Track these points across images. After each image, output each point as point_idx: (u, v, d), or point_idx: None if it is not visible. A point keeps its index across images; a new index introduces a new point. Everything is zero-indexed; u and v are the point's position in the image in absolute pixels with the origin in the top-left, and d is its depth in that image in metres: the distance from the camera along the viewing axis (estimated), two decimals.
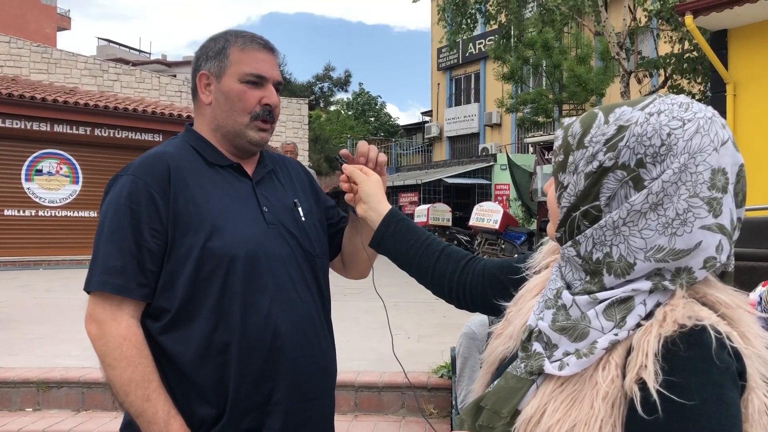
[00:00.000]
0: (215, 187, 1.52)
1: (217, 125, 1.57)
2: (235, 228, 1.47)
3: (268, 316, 1.46)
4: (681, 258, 0.89)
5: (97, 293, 1.43)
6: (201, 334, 1.43)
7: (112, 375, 1.39)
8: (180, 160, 1.51)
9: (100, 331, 1.41)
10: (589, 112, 0.98)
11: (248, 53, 1.55)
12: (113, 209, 1.45)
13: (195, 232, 1.44)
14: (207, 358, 1.43)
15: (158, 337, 1.45)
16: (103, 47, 44.21)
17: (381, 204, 1.44)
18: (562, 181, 0.98)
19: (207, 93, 1.57)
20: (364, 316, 6.69)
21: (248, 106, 1.54)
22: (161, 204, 1.44)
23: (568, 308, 0.96)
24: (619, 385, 0.88)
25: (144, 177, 1.46)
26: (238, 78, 1.54)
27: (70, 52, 17.22)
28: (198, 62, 1.59)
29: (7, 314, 6.89)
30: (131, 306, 1.43)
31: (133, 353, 1.39)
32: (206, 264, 1.43)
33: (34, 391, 4.14)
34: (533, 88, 18.86)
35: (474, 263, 1.34)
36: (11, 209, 13.73)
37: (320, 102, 32.04)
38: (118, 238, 1.42)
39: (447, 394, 4.09)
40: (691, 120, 0.89)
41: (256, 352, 1.44)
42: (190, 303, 1.43)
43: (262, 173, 1.62)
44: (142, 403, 1.37)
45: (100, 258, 1.43)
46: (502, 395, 1.00)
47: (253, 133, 1.55)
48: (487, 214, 13.07)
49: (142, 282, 1.42)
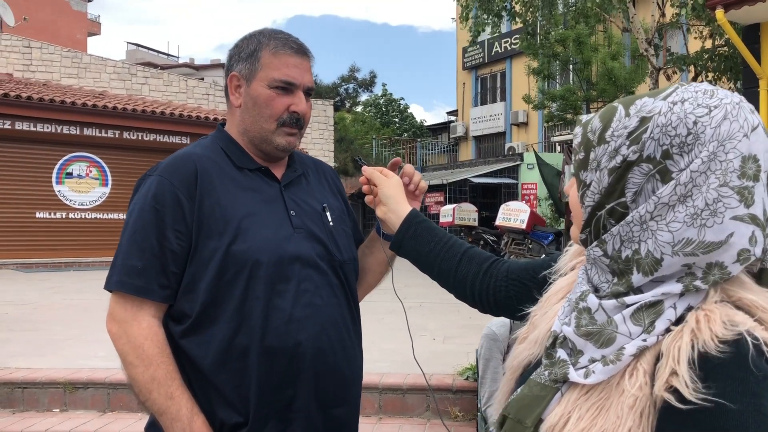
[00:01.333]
0: (242, 190, 1.50)
1: (244, 129, 1.55)
2: (259, 232, 1.45)
3: (290, 322, 1.44)
4: (712, 251, 0.84)
5: (119, 293, 1.43)
6: (221, 339, 1.41)
7: (135, 374, 1.39)
8: (207, 162, 1.50)
9: (121, 330, 1.41)
10: (608, 106, 0.94)
11: (280, 57, 1.51)
12: (138, 209, 1.44)
13: (219, 235, 1.43)
14: (227, 362, 1.41)
15: (180, 341, 1.44)
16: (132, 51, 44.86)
17: (401, 206, 1.41)
18: (584, 179, 0.93)
19: (237, 95, 1.55)
20: (388, 317, 6.66)
21: (275, 112, 1.51)
22: (186, 206, 1.43)
23: (593, 312, 0.92)
24: (648, 393, 0.83)
25: (170, 178, 1.45)
26: (267, 83, 1.50)
27: (99, 57, 17.52)
28: (230, 62, 1.57)
29: (37, 316, 6.99)
30: (152, 307, 1.42)
31: (155, 352, 1.39)
32: (229, 268, 1.42)
33: (61, 391, 4.19)
34: (561, 85, 18.67)
35: (497, 265, 1.30)
36: (43, 212, 13.98)
37: (345, 103, 32.10)
38: (140, 237, 1.42)
39: (472, 396, 4.03)
40: (717, 106, 0.84)
41: (277, 358, 1.42)
42: (212, 307, 1.42)
43: (291, 177, 1.60)
44: (165, 401, 1.37)
45: (120, 257, 1.43)
46: (525, 403, 0.96)
47: (280, 138, 1.53)
48: (514, 213, 12.96)
49: (163, 283, 1.42)
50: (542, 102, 18.51)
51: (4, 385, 4.21)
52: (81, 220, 14.43)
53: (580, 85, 17.37)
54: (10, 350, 5.00)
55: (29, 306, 7.79)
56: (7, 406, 4.18)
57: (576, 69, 17.24)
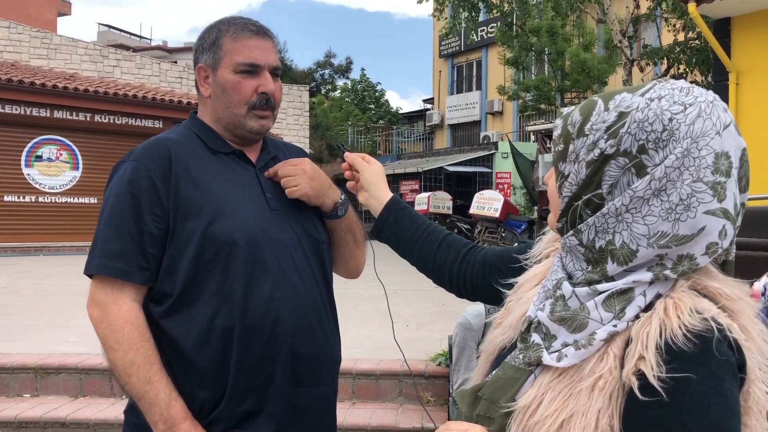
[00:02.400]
0: (218, 172, 1.52)
1: (217, 117, 1.57)
2: (237, 213, 1.47)
3: (270, 301, 1.46)
4: (684, 244, 0.88)
5: (99, 277, 1.44)
6: (202, 318, 1.43)
7: (114, 357, 1.40)
8: (182, 147, 1.52)
9: (102, 314, 1.42)
10: (588, 100, 0.97)
11: (240, 41, 1.53)
12: (114, 194, 1.45)
13: (197, 217, 1.44)
14: (208, 341, 1.43)
15: (160, 321, 1.45)
16: (103, 33, 44.00)
17: (382, 191, 1.44)
18: (562, 170, 0.96)
19: (206, 86, 1.57)
20: (362, 304, 6.70)
21: (244, 96, 1.53)
22: (162, 189, 1.44)
23: (567, 299, 0.95)
24: (617, 376, 0.87)
25: (145, 162, 1.46)
26: (232, 68, 1.52)
27: (70, 38, 17.16)
28: (196, 55, 1.59)
29: (6, 300, 6.90)
30: (133, 290, 1.43)
31: (135, 336, 1.39)
32: (208, 248, 1.43)
33: (32, 377, 4.15)
34: (536, 75, 18.79)
35: (474, 252, 1.33)
36: (11, 195, 13.72)
37: (321, 89, 31.90)
38: (118, 221, 1.43)
39: (444, 381, 4.09)
40: (692, 104, 0.88)
41: (257, 337, 1.44)
42: (192, 287, 1.43)
43: (265, 159, 1.62)
44: (144, 386, 1.38)
45: (99, 241, 1.44)
46: (499, 385, 0.99)
47: (252, 122, 1.55)
48: (488, 202, 13.06)
49: (143, 266, 1.43)
50: (516, 92, 18.61)
51: None
52: (51, 204, 14.18)
53: (554, 76, 17.50)
54: None
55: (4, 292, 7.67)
56: None
57: (550, 59, 17.35)
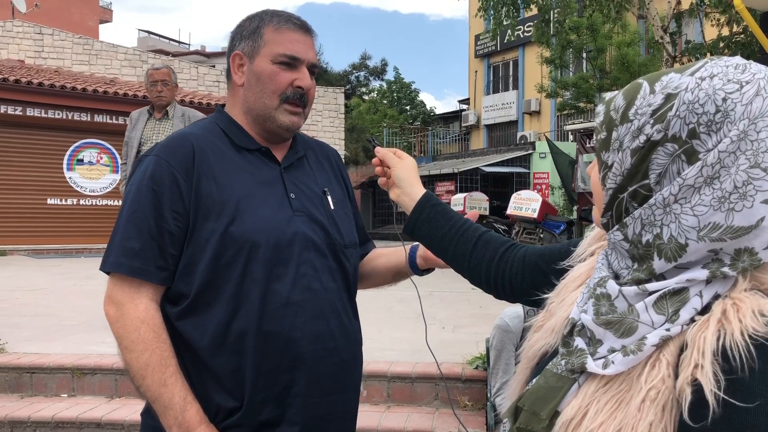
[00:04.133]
0: (241, 171, 1.47)
1: (248, 107, 1.52)
2: (258, 213, 1.42)
3: (287, 306, 1.40)
4: (740, 237, 0.78)
5: (116, 275, 1.40)
6: (218, 322, 1.38)
7: (129, 358, 1.37)
8: (206, 142, 1.47)
9: (118, 313, 1.39)
10: (632, 83, 0.88)
11: (283, 33, 1.49)
12: (135, 190, 1.42)
13: (217, 216, 1.40)
14: (223, 345, 1.38)
15: (176, 323, 1.41)
16: (143, 39, 44.88)
17: (414, 188, 1.37)
18: (606, 160, 0.88)
19: (240, 74, 1.52)
20: (397, 306, 6.63)
21: (279, 87, 1.48)
22: (184, 186, 1.40)
23: (613, 299, 0.87)
24: (671, 386, 0.79)
25: (168, 158, 1.42)
26: (270, 58, 1.48)
27: (110, 44, 17.52)
28: (233, 42, 1.54)
29: (47, 301, 7.01)
30: (150, 289, 1.40)
31: (151, 337, 1.36)
32: (227, 249, 1.39)
33: (69, 377, 4.18)
34: (574, 73, 18.52)
35: (514, 250, 1.25)
36: (54, 198, 14.05)
37: (356, 91, 31.97)
38: (138, 218, 1.39)
39: (482, 385, 4.00)
40: (749, 82, 0.78)
41: (274, 343, 1.39)
42: (209, 289, 1.39)
43: (292, 159, 1.56)
44: (159, 388, 1.34)
45: (117, 238, 1.41)
46: (540, 395, 0.91)
47: (283, 117, 1.49)
48: (526, 202, 12.88)
49: (161, 265, 1.39)
50: (555, 90, 18.36)
51: (13, 370, 4.21)
52: (91, 206, 14.48)
53: (593, 73, 17.22)
54: (19, 335, 5.00)
55: (39, 291, 7.81)
56: (15, 391, 4.18)
57: (589, 57, 17.08)
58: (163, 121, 5.04)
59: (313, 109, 20.16)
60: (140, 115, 5.13)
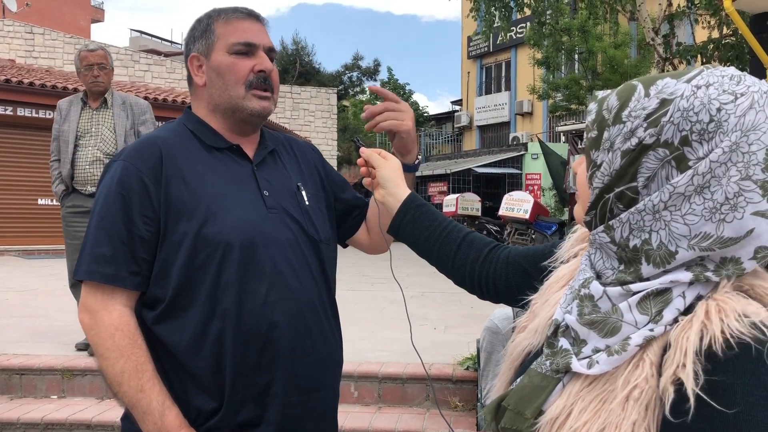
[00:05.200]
0: (211, 171, 1.45)
1: (214, 104, 1.50)
2: (231, 213, 1.41)
3: (265, 305, 1.39)
4: (729, 246, 0.80)
5: (89, 283, 1.39)
6: (195, 324, 1.37)
7: (105, 365, 1.35)
8: (174, 145, 1.46)
9: (93, 320, 1.37)
10: (626, 84, 0.88)
11: (232, 24, 1.49)
12: (104, 196, 1.40)
13: (189, 219, 1.38)
14: (202, 347, 1.37)
15: (153, 327, 1.40)
16: (135, 38, 44.70)
17: (399, 188, 1.37)
18: (595, 159, 0.88)
19: (200, 75, 1.51)
20: (389, 307, 6.63)
21: (240, 76, 1.47)
22: (153, 190, 1.39)
23: (597, 299, 0.88)
24: (654, 385, 0.80)
25: (135, 162, 1.41)
26: (226, 50, 1.47)
27: (102, 44, 17.42)
28: (188, 47, 1.54)
29: (37, 302, 6.98)
30: (124, 295, 1.38)
31: (126, 343, 1.34)
32: (200, 251, 1.38)
33: (59, 378, 4.16)
34: (566, 75, 18.58)
35: (498, 251, 1.26)
36: (44, 198, 13.96)
37: (349, 91, 31.92)
38: (108, 224, 1.38)
39: (473, 386, 4.00)
40: (744, 94, 0.79)
41: (252, 343, 1.38)
42: (185, 292, 1.38)
43: (262, 155, 1.55)
44: (136, 394, 1.33)
45: (88, 246, 1.39)
46: (525, 394, 0.92)
47: (252, 103, 1.48)
48: (517, 203, 12.91)
49: (134, 270, 1.37)
50: (546, 92, 18.41)
51: (2, 371, 4.18)
52: None
53: (584, 75, 17.28)
54: (9, 336, 4.98)
55: (30, 292, 7.77)
56: (4, 392, 4.15)
57: (581, 59, 17.14)
58: (101, 111, 4.50)
59: (306, 110, 20.17)
60: (71, 104, 4.53)
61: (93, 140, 4.45)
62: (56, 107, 4.60)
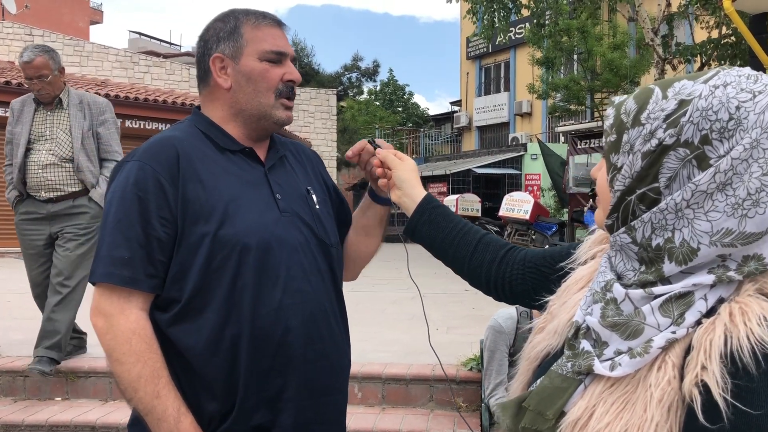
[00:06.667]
0: (226, 173, 1.44)
1: (239, 109, 1.48)
2: (247, 215, 1.40)
3: (279, 309, 1.39)
4: (751, 242, 0.80)
5: (105, 285, 1.36)
6: (211, 327, 1.36)
7: (121, 371, 1.33)
8: (188, 145, 1.43)
9: (108, 324, 1.35)
10: (643, 88, 0.90)
11: (263, 30, 1.48)
12: (119, 197, 1.37)
13: (206, 220, 1.37)
14: (217, 350, 1.36)
15: (167, 329, 1.38)
16: (134, 40, 44.67)
17: (415, 189, 1.37)
18: (615, 162, 0.89)
19: (224, 77, 1.48)
20: (390, 307, 6.63)
21: (272, 84, 1.47)
22: (170, 191, 1.36)
23: (620, 302, 0.88)
24: (677, 387, 0.80)
25: (151, 163, 1.38)
26: (258, 56, 1.46)
27: (101, 45, 17.47)
28: (207, 45, 1.50)
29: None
30: (140, 298, 1.36)
31: (143, 348, 1.33)
32: (218, 253, 1.36)
33: (63, 380, 4.16)
34: (565, 75, 18.59)
35: (514, 253, 1.26)
36: None
37: (348, 92, 31.93)
38: (124, 226, 1.35)
39: (476, 387, 4.00)
40: (762, 92, 0.81)
41: (266, 347, 1.38)
42: (201, 294, 1.36)
43: (274, 159, 1.54)
44: (152, 400, 1.31)
45: (105, 248, 1.36)
46: (546, 395, 0.92)
47: (279, 112, 1.48)
48: (518, 204, 12.94)
49: (151, 273, 1.35)
50: (546, 91, 18.42)
51: (6, 374, 4.18)
52: None
53: (584, 75, 17.29)
54: (12, 338, 4.96)
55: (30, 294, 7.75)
56: (9, 394, 4.15)
57: (580, 59, 17.16)
58: (56, 112, 4.17)
59: (306, 111, 20.16)
60: (24, 105, 4.22)
61: (48, 144, 4.17)
62: (9, 107, 4.27)
